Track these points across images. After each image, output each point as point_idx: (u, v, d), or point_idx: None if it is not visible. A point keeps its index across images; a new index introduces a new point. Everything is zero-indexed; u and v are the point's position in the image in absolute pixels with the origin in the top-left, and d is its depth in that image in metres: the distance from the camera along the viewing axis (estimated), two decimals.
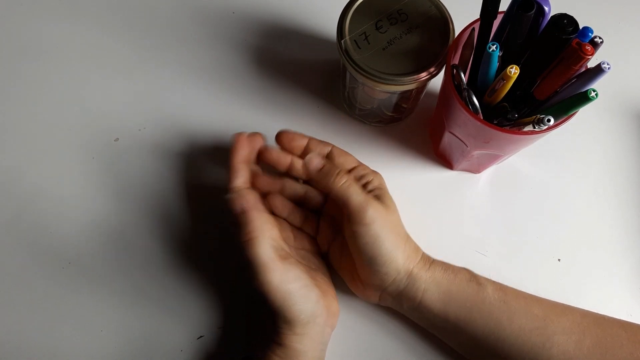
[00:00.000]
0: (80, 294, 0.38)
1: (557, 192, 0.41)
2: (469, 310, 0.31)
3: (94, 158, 0.42)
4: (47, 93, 0.44)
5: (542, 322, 0.31)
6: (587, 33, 0.26)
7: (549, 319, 0.31)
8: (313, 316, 0.31)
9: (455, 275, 0.32)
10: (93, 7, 0.48)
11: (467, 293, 0.32)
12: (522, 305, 0.31)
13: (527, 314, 0.31)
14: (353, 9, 0.35)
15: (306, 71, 0.45)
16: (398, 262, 0.31)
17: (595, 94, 0.26)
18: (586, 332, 0.30)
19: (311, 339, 0.32)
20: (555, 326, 0.31)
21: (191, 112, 0.44)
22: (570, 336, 0.30)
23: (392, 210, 0.33)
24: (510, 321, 0.31)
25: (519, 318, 0.31)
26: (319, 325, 0.32)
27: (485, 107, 0.32)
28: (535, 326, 0.31)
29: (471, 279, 0.32)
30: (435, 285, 0.32)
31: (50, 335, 0.37)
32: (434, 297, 0.32)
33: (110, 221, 0.40)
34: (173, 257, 0.39)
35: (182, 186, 0.41)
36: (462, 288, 0.32)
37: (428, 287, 0.32)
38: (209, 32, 0.47)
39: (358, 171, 0.35)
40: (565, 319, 0.31)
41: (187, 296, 0.38)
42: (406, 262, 0.32)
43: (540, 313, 0.31)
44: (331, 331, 0.34)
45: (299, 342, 0.31)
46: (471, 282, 0.32)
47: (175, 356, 0.37)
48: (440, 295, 0.32)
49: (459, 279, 0.32)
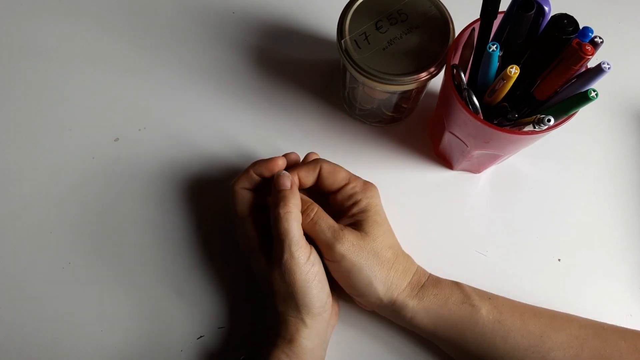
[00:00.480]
0: (80, 294, 0.38)
1: (557, 192, 0.41)
2: (461, 332, 0.31)
3: (94, 158, 0.42)
4: (47, 93, 0.44)
5: (539, 339, 0.31)
6: (587, 33, 0.26)
7: (546, 335, 0.31)
8: (324, 308, 0.32)
9: (446, 300, 0.32)
10: (93, 7, 0.48)
11: (459, 316, 0.31)
12: (517, 323, 0.31)
13: (522, 332, 0.31)
14: (353, 9, 0.35)
15: (306, 71, 0.45)
16: (377, 293, 0.32)
17: (595, 94, 0.26)
18: (584, 346, 0.30)
19: (318, 334, 0.32)
20: (552, 342, 0.30)
21: (191, 112, 0.44)
22: (568, 351, 0.30)
23: (373, 237, 0.32)
24: (505, 341, 0.31)
25: (514, 337, 0.31)
26: (325, 321, 0.32)
27: (485, 107, 0.32)
28: (530, 344, 0.30)
29: (464, 301, 0.32)
30: (424, 312, 0.32)
31: (50, 335, 0.37)
32: (423, 321, 0.32)
33: (110, 221, 0.40)
34: (173, 257, 0.39)
35: (182, 186, 0.41)
36: (453, 312, 0.32)
37: (416, 314, 0.32)
38: (209, 32, 0.47)
39: (346, 191, 0.34)
40: (562, 333, 0.31)
41: (188, 296, 0.38)
42: (388, 291, 0.32)
43: (537, 330, 0.31)
44: (332, 331, 0.35)
45: (307, 338, 0.31)
46: (464, 305, 0.32)
47: (175, 356, 0.36)
48: (430, 319, 0.32)
49: (451, 303, 0.32)
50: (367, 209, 0.33)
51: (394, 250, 0.33)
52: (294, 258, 0.30)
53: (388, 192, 0.38)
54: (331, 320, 0.34)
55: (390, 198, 0.38)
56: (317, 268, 0.31)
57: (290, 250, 0.30)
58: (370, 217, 0.33)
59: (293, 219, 0.31)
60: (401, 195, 0.41)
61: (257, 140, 0.43)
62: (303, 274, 0.30)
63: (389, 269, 0.32)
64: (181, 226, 0.40)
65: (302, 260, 0.30)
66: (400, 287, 0.32)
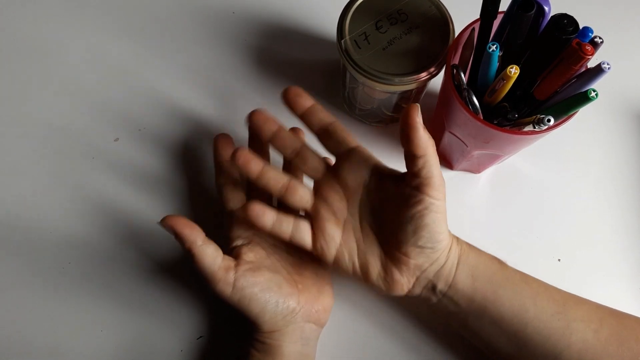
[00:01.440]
0: (80, 294, 0.38)
1: (557, 192, 0.41)
2: (495, 287, 0.31)
3: (94, 158, 0.42)
4: (47, 93, 0.44)
5: (562, 307, 0.30)
6: (587, 33, 0.26)
7: (568, 305, 0.31)
8: (281, 314, 0.32)
9: (479, 251, 0.32)
10: (93, 7, 0.48)
11: (493, 269, 0.31)
12: (542, 287, 0.31)
13: (548, 297, 0.31)
14: (353, 9, 0.35)
15: (306, 71, 0.45)
16: (448, 235, 0.31)
17: (595, 94, 0.26)
18: (603, 322, 0.30)
19: (284, 334, 0.32)
20: (574, 313, 0.30)
21: (191, 112, 0.44)
22: (589, 324, 0.30)
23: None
24: (534, 302, 0.30)
25: (542, 300, 0.30)
26: (293, 322, 0.33)
27: (485, 107, 0.32)
28: (556, 310, 0.30)
29: (493, 257, 0.32)
30: (465, 257, 0.31)
31: (50, 335, 0.37)
32: (464, 272, 0.31)
33: (111, 221, 0.40)
34: (173, 257, 0.39)
35: (182, 186, 0.41)
36: (488, 264, 0.32)
37: (460, 260, 0.31)
38: (209, 32, 0.47)
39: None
40: (583, 307, 0.31)
41: (188, 296, 0.38)
42: (449, 235, 0.32)
43: (560, 298, 0.31)
44: (317, 327, 0.34)
45: (271, 338, 0.32)
46: (494, 260, 0.32)
47: (175, 356, 0.36)
48: (471, 269, 0.31)
49: (483, 255, 0.32)
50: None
51: None
52: (217, 292, 0.31)
53: None
54: (310, 318, 0.33)
55: None
56: (248, 291, 0.31)
57: (211, 287, 0.31)
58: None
59: (196, 261, 0.31)
60: None
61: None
62: (234, 299, 0.31)
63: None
64: None
65: (227, 292, 0.31)
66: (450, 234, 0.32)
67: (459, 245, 0.32)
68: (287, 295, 0.32)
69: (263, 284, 0.32)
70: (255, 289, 0.32)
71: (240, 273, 0.32)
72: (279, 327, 0.32)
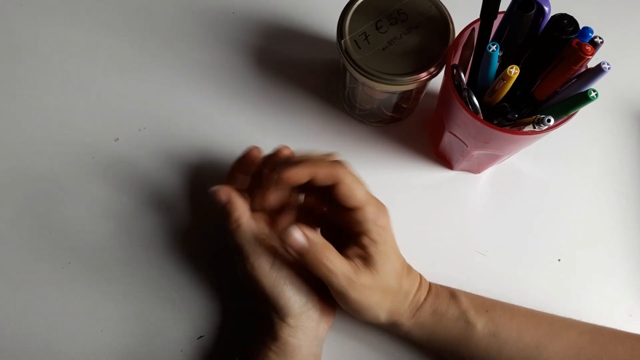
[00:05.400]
0: (81, 294, 0.38)
1: (557, 192, 0.41)
2: (455, 347, 0.32)
3: (94, 158, 0.42)
4: (47, 93, 0.44)
5: (535, 350, 0.31)
6: (587, 33, 0.26)
7: (542, 346, 0.31)
8: (306, 307, 0.32)
9: (442, 317, 0.32)
10: (93, 7, 0.48)
11: (453, 333, 0.32)
12: (513, 336, 0.31)
13: (517, 345, 0.31)
14: (353, 9, 0.35)
15: (306, 71, 0.45)
16: (379, 319, 0.31)
17: (595, 94, 0.26)
18: (581, 354, 0.30)
19: (305, 332, 0.32)
20: (548, 353, 0.30)
21: (191, 112, 0.44)
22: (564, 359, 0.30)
23: (383, 273, 0.30)
24: (500, 354, 0.31)
25: (509, 350, 0.31)
26: (313, 320, 0.32)
27: (485, 107, 0.32)
28: (525, 356, 0.31)
29: (460, 318, 0.32)
30: (419, 328, 0.32)
31: (50, 334, 0.37)
32: (417, 336, 0.33)
33: (110, 221, 0.40)
34: (173, 257, 0.39)
35: (182, 186, 0.41)
36: (448, 329, 0.32)
37: (411, 330, 0.32)
38: (209, 32, 0.47)
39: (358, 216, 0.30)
40: (559, 343, 0.31)
41: (188, 296, 0.38)
42: (388, 317, 0.31)
43: (533, 341, 0.31)
44: (327, 328, 0.34)
45: (292, 336, 0.31)
46: (459, 322, 0.32)
47: (175, 356, 0.36)
48: (425, 335, 0.32)
49: (446, 320, 0.32)
50: (378, 241, 0.30)
51: (399, 275, 0.32)
52: (255, 268, 0.31)
53: (388, 192, 0.37)
54: (324, 317, 0.33)
55: (390, 198, 0.38)
56: (285, 272, 0.31)
57: (250, 262, 0.31)
58: (381, 250, 0.30)
59: (242, 231, 0.31)
60: (401, 195, 0.41)
61: (257, 140, 0.42)
62: (270, 280, 0.31)
63: (393, 298, 0.31)
64: (181, 226, 0.40)
65: (265, 268, 0.31)
66: (400, 310, 0.32)
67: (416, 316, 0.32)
68: (311, 290, 0.33)
69: (291, 272, 0.32)
70: (290, 272, 0.31)
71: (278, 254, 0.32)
72: (301, 322, 0.32)
